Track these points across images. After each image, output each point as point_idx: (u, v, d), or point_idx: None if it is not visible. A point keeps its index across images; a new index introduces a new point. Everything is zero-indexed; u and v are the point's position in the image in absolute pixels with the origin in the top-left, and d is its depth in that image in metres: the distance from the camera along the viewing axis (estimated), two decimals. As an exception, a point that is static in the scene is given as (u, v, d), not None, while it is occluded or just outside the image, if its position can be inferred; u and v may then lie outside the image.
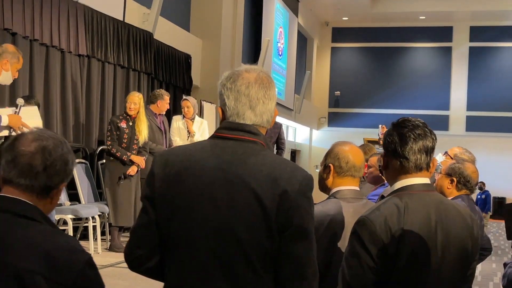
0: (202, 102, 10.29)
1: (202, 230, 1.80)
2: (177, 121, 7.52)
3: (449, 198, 3.12)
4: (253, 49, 14.78)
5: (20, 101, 4.59)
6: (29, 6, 6.35)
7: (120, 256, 6.20)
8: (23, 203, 1.74)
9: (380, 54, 21.36)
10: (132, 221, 6.50)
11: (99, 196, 7.23)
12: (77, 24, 7.14)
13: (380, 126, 4.97)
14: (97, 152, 7.51)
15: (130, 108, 6.55)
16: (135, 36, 8.48)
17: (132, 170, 6.52)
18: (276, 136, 9.34)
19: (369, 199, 3.18)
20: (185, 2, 11.80)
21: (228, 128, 1.87)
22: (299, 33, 18.54)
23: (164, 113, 7.36)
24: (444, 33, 20.94)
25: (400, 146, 2.19)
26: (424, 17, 20.34)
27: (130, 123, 6.58)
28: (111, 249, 6.56)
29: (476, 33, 20.70)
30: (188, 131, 7.43)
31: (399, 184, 2.19)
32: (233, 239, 1.78)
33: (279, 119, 14.89)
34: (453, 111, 20.84)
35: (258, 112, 1.88)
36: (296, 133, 20.46)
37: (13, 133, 4.40)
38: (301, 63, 19.66)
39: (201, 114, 10.03)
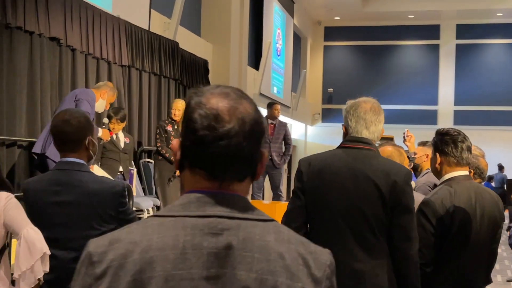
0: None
1: (337, 208, 2.73)
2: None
3: None
4: (255, 52, 15.48)
5: (105, 120, 5.66)
6: (84, 23, 7.11)
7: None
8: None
9: (371, 52, 22.13)
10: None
11: (143, 191, 8.03)
12: (120, 38, 7.89)
13: (406, 130, 5.73)
14: (138, 152, 8.29)
15: (175, 114, 7.35)
16: (164, 46, 9.22)
17: (177, 172, 7.34)
18: (283, 133, 10.11)
19: None
20: (196, 9, 12.47)
21: (351, 141, 2.77)
22: (294, 33, 19.29)
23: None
24: (432, 31, 21.72)
25: (453, 148, 3.07)
26: (412, 16, 21.10)
27: (175, 127, 7.37)
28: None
29: (463, 31, 21.48)
30: None
31: (448, 175, 3.08)
32: (360, 213, 2.71)
33: (280, 118, 15.64)
34: (441, 106, 21.64)
35: (371, 131, 2.77)
36: (292, 129, 21.22)
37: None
38: (296, 61, 20.40)
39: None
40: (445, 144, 3.12)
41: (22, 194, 2.89)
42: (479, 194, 3.12)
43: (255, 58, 15.46)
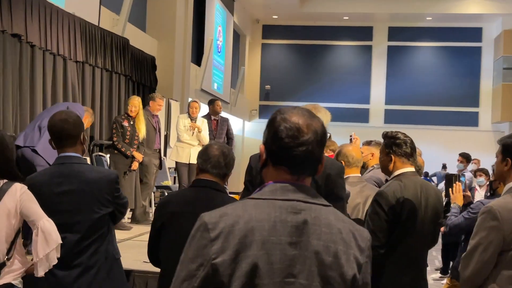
0: (170, 100, 11.35)
1: None
2: (183, 120, 8.80)
3: None
4: (197, 48, 15.81)
5: None
6: (43, 20, 7.32)
7: (124, 233, 7.30)
8: (215, 182, 3.07)
9: (307, 51, 22.74)
10: (133, 204, 7.65)
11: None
12: (75, 34, 8.13)
13: (353, 133, 6.25)
14: (91, 146, 8.56)
15: (131, 110, 7.70)
16: (116, 42, 9.49)
17: (135, 166, 7.67)
18: (226, 129, 10.55)
19: None
20: (142, 5, 12.71)
21: None
22: (234, 30, 19.70)
23: (158, 113, 8.50)
24: (365, 33, 22.50)
25: (405, 149, 3.61)
26: (347, 18, 21.79)
27: (131, 122, 7.70)
28: (116, 227, 7.63)
29: (394, 33, 22.32)
30: (191, 128, 8.74)
31: (398, 171, 3.60)
32: None
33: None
34: (373, 105, 22.46)
35: None
36: (230, 122, 21.63)
37: None
38: (235, 58, 20.82)
39: (169, 112, 11.14)
40: (398, 146, 3.64)
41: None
42: (424, 187, 3.68)
43: (197, 54, 15.80)
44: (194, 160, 8.93)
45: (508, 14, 20.06)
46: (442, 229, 4.73)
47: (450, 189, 4.58)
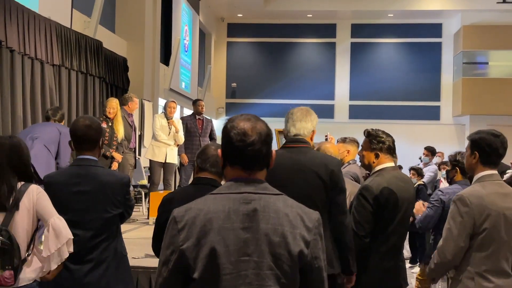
0: (143, 101, 11.51)
1: (290, 195, 3.47)
2: (160, 119, 9.00)
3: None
4: (165, 48, 15.96)
5: None
6: (21, 25, 7.46)
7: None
8: (214, 180, 3.32)
9: (272, 48, 23.00)
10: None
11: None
12: (52, 38, 8.27)
13: (328, 133, 6.55)
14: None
15: (109, 112, 7.89)
16: (90, 45, 9.64)
17: (114, 166, 7.86)
18: (210, 129, 10.80)
19: None
20: (111, 7, 12.82)
21: (290, 142, 3.74)
22: (199, 29, 19.87)
23: (134, 112, 8.70)
24: (328, 30, 22.85)
25: (391, 145, 3.89)
26: (311, 15, 22.12)
27: (110, 124, 7.89)
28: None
29: (357, 30, 22.70)
30: (169, 127, 8.95)
31: (379, 167, 3.91)
32: (309, 199, 3.48)
33: (187, 112, 16.25)
34: (337, 101, 22.83)
35: (297, 127, 3.76)
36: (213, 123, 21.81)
37: None
38: (201, 57, 21.00)
39: (142, 112, 11.32)
40: (382, 143, 3.95)
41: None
42: (403, 181, 4.03)
43: (165, 54, 15.95)
44: (169, 160, 9.14)
45: (467, 10, 20.63)
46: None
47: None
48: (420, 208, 5.19)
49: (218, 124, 22.70)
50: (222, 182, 3.28)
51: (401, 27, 22.45)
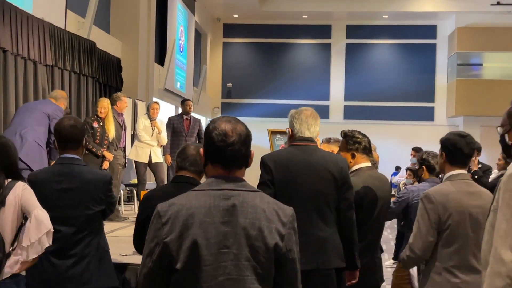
0: (136, 101, 11.63)
1: (304, 192, 3.66)
2: (143, 120, 9.12)
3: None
4: (160, 48, 16.07)
5: None
6: (14, 26, 7.58)
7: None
8: (193, 178, 3.43)
9: (268, 49, 23.13)
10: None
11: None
12: (44, 39, 8.38)
13: None
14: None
15: (101, 111, 8.01)
16: (83, 45, 9.76)
17: (106, 165, 7.97)
18: (198, 128, 10.91)
19: None
20: (106, 7, 12.92)
21: (301, 140, 3.71)
22: (195, 29, 19.98)
23: (124, 111, 8.80)
24: (324, 31, 22.98)
25: (367, 146, 4.02)
26: (306, 16, 22.25)
27: (101, 123, 8.01)
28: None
29: (352, 31, 22.86)
30: (153, 128, 9.06)
31: (356, 166, 4.04)
32: (321, 195, 3.67)
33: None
34: (332, 101, 22.98)
35: (311, 131, 3.69)
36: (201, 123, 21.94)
37: None
38: (197, 57, 21.11)
39: (135, 112, 11.44)
40: (358, 143, 4.08)
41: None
42: (379, 180, 4.20)
43: (160, 54, 16.06)
44: (155, 160, 9.24)
45: (461, 12, 20.77)
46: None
47: None
48: None
49: (213, 124, 22.82)
50: (201, 181, 3.39)
51: (396, 29, 22.59)
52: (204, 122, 22.27)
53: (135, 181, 9.91)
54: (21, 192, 3.39)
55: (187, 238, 2.21)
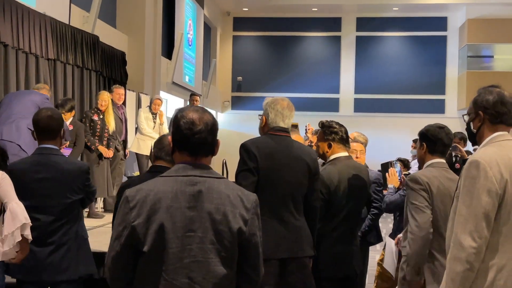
0: (140, 94, 11.73)
1: (287, 181, 3.73)
2: (145, 113, 9.25)
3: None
4: (167, 42, 16.15)
5: None
6: (15, 21, 7.70)
7: (97, 221, 7.68)
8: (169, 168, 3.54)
9: (278, 42, 23.13)
10: (105, 193, 8.07)
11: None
12: (46, 33, 8.50)
13: (307, 123, 6.75)
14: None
15: (101, 104, 8.12)
16: (86, 39, 9.87)
17: (110, 153, 8.07)
18: None
19: None
20: (112, 1, 13.00)
21: (278, 130, 3.79)
22: (204, 23, 20.05)
23: (120, 103, 8.87)
24: (333, 24, 22.94)
25: (344, 136, 4.08)
26: (316, 9, 22.22)
27: (101, 116, 8.11)
28: (89, 216, 8.01)
29: (362, 23, 22.78)
30: (154, 121, 9.21)
31: (333, 156, 4.12)
32: (299, 184, 3.77)
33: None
34: (342, 94, 22.93)
35: (286, 123, 3.73)
36: (205, 116, 21.98)
37: None
38: (206, 51, 21.18)
39: (139, 105, 11.54)
40: (335, 133, 4.15)
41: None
42: (356, 169, 4.24)
43: (168, 48, 16.14)
44: None
45: (471, 4, 20.65)
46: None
47: (387, 173, 5.11)
48: (393, 178, 5.26)
49: (224, 118, 22.96)
50: None
51: (406, 21, 22.48)
52: (214, 116, 22.38)
53: (137, 173, 10.01)
54: (0, 182, 3.49)
55: (154, 222, 2.30)
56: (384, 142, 20.50)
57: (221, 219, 2.33)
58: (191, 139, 2.37)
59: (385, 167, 5.08)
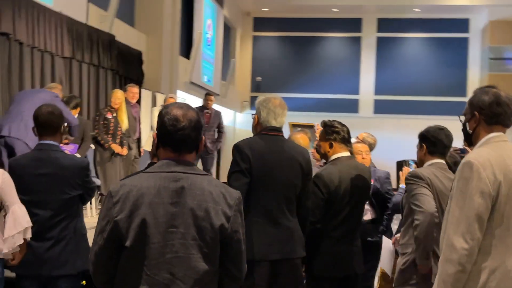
0: (155, 93, 11.80)
1: (279, 182, 3.73)
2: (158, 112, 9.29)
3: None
4: (186, 41, 16.20)
5: None
6: (30, 19, 7.78)
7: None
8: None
9: (297, 42, 23.09)
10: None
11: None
12: (62, 31, 8.58)
13: (316, 124, 6.72)
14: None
15: (115, 102, 8.17)
16: (102, 38, 9.95)
17: (124, 151, 8.13)
18: (218, 122, 11.02)
19: None
20: (130, 0, 13.10)
21: (271, 130, 3.75)
22: (224, 23, 20.09)
23: (134, 102, 8.92)
24: (354, 24, 22.82)
25: (345, 136, 4.05)
26: (336, 10, 22.11)
27: (114, 114, 8.18)
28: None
29: (383, 24, 22.64)
30: None
31: (334, 156, 4.09)
32: (292, 184, 3.75)
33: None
34: (362, 95, 22.80)
35: (278, 121, 3.70)
36: (222, 116, 22.03)
37: None
38: (226, 51, 21.21)
39: (154, 104, 11.60)
40: (337, 133, 4.13)
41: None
42: (357, 170, 4.21)
43: (186, 47, 16.18)
44: None
45: (494, 5, 20.43)
46: None
47: (400, 172, 5.08)
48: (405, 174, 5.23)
49: (242, 118, 22.96)
50: None
51: (427, 22, 22.31)
52: (232, 115, 22.45)
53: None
54: (1, 180, 3.56)
55: (136, 217, 2.32)
56: (404, 143, 20.25)
57: (203, 215, 2.35)
58: (174, 135, 2.39)
59: (400, 165, 5.06)
